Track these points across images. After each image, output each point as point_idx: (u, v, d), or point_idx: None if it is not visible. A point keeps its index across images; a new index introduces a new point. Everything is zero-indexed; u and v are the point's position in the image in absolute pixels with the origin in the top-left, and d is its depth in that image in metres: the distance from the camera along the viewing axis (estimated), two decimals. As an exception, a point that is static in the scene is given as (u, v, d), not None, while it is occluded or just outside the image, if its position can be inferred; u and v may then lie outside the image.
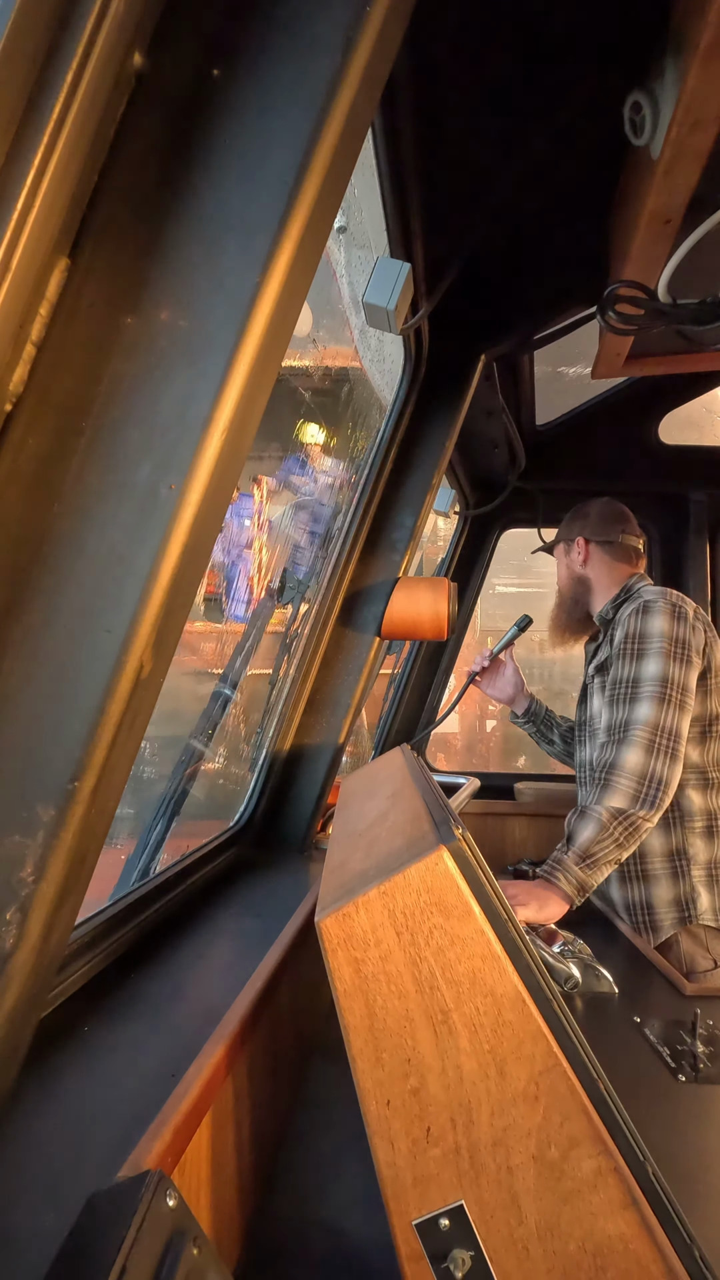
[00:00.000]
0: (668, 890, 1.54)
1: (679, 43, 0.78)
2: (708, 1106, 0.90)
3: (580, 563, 1.72)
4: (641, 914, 1.56)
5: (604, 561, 1.69)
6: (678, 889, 1.54)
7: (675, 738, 1.38)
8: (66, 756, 0.39)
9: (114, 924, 0.86)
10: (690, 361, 1.48)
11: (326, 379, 6.89)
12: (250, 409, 0.42)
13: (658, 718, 1.38)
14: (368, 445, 1.51)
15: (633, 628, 1.49)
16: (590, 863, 1.31)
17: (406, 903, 0.49)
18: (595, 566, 1.70)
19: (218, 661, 5.98)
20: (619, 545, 1.69)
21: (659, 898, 1.54)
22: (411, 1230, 0.48)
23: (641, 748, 1.37)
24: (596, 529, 1.71)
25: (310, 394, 6.72)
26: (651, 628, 1.47)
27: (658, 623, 1.47)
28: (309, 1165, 0.78)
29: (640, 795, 1.34)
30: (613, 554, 1.69)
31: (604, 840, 1.32)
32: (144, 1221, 0.36)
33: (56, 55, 0.35)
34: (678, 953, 1.52)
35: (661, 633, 1.46)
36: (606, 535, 1.70)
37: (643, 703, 1.41)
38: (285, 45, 0.41)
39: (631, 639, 1.48)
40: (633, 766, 1.36)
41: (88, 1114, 0.56)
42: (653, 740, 1.37)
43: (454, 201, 1.14)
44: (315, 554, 2.05)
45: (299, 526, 6.08)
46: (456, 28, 0.89)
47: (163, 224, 0.41)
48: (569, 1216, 0.46)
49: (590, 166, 1.12)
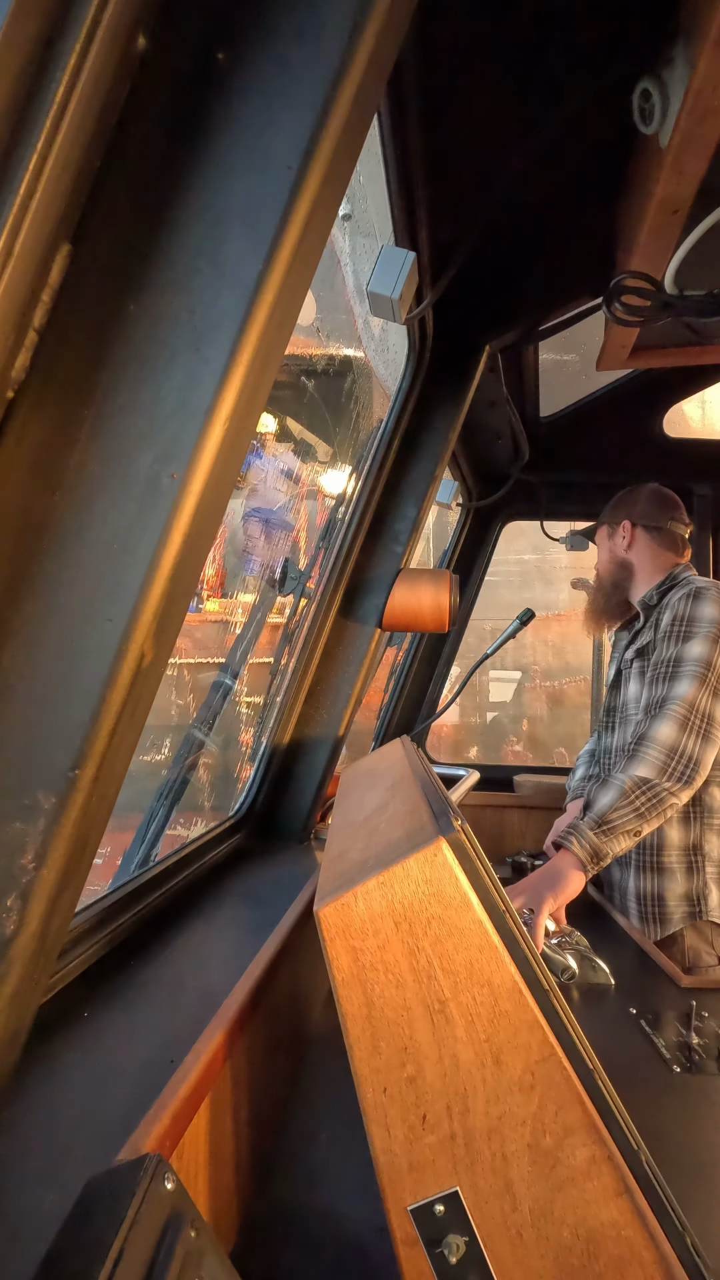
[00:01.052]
0: (680, 884, 1.54)
1: (690, 31, 0.77)
2: (702, 1098, 0.90)
3: (625, 547, 1.69)
4: (652, 905, 1.56)
5: (649, 547, 1.67)
6: (690, 884, 1.54)
7: (710, 720, 1.36)
8: (68, 744, 0.39)
9: (114, 911, 0.86)
10: (696, 354, 1.47)
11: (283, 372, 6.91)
12: (253, 398, 0.42)
13: (695, 696, 1.37)
14: (367, 442, 1.51)
15: (683, 610, 1.48)
16: (607, 829, 1.27)
17: (405, 893, 0.50)
18: (639, 552, 1.68)
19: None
20: (666, 532, 1.66)
21: (671, 891, 1.54)
22: (406, 1215, 0.49)
23: (676, 722, 1.35)
24: (645, 513, 1.68)
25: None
26: (702, 613, 1.46)
27: (710, 609, 1.46)
28: (306, 1150, 0.79)
29: (668, 768, 1.31)
30: (659, 540, 1.67)
31: (623, 807, 1.28)
32: (142, 1204, 0.36)
33: (59, 38, 0.35)
34: (682, 947, 1.53)
35: (713, 619, 1.44)
36: (655, 520, 1.67)
37: (682, 680, 1.39)
38: (291, 28, 0.40)
39: (680, 621, 1.47)
40: (664, 739, 1.33)
41: (87, 1098, 0.56)
42: (688, 717, 1.35)
43: (460, 190, 1.13)
44: (266, 543, 2.04)
45: (251, 517, 6.09)
46: (464, 13, 0.88)
47: (166, 209, 0.41)
48: (563, 1203, 0.47)
49: (598, 155, 1.10)
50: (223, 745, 6.03)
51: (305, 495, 7.68)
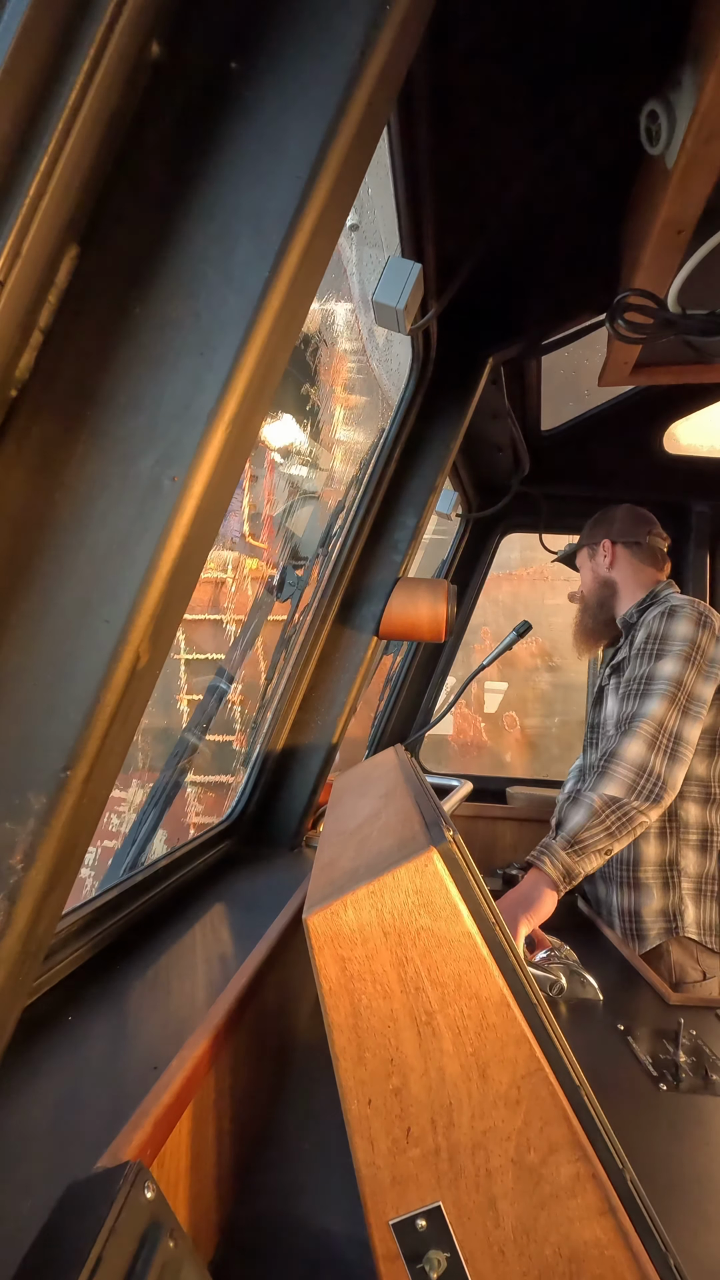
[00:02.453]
0: (657, 900, 1.54)
1: (697, 54, 0.78)
2: (688, 1116, 0.90)
3: (606, 565, 1.71)
4: (630, 921, 1.56)
5: (630, 564, 1.69)
6: (667, 900, 1.54)
7: (678, 740, 1.37)
8: (60, 744, 0.38)
9: (102, 914, 0.86)
10: (697, 373, 1.48)
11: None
12: (256, 403, 0.42)
13: (664, 715, 1.37)
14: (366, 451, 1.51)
15: (656, 629, 1.48)
16: (578, 849, 1.27)
17: (395, 903, 0.49)
18: (621, 569, 1.69)
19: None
20: (645, 546, 1.68)
21: (648, 907, 1.54)
22: (388, 1230, 0.48)
23: (643, 740, 1.35)
24: (623, 530, 1.70)
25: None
26: (675, 631, 1.46)
27: (682, 627, 1.46)
28: (289, 1161, 0.78)
29: (637, 786, 1.31)
30: (639, 556, 1.68)
31: (594, 827, 1.29)
32: (121, 1212, 0.36)
33: (74, 43, 0.35)
34: (668, 962, 1.53)
35: (684, 637, 1.45)
36: (633, 536, 1.69)
37: (652, 699, 1.40)
38: (304, 40, 0.40)
39: (653, 639, 1.48)
40: (632, 757, 1.34)
41: (69, 1104, 0.56)
42: (656, 736, 1.35)
43: (467, 203, 1.14)
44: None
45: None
46: (475, 30, 0.89)
47: (175, 215, 0.41)
48: (546, 1221, 0.46)
49: (604, 173, 1.11)
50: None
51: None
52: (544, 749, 7.46)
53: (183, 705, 7.04)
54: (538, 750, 7.53)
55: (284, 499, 7.20)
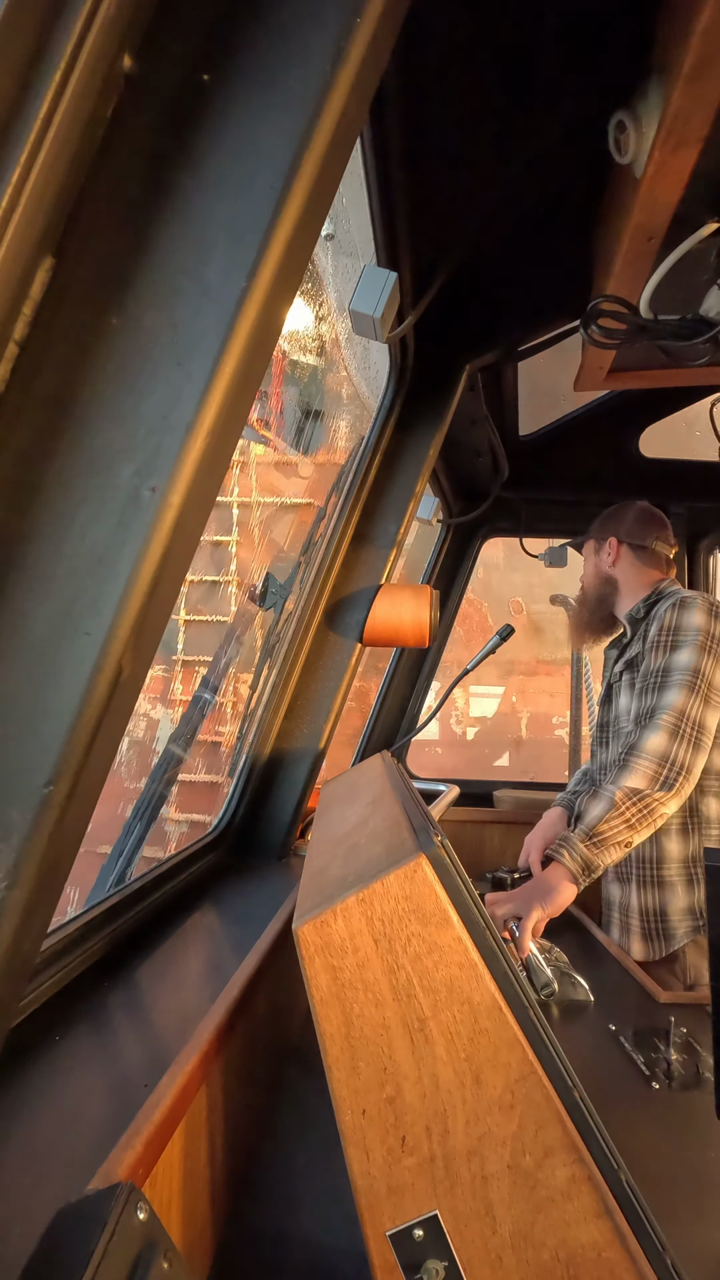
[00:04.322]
0: (683, 898, 1.53)
1: (663, 66, 0.80)
2: (681, 1114, 0.90)
3: (610, 563, 1.71)
4: (655, 921, 1.54)
5: (633, 565, 1.69)
6: (692, 897, 1.53)
7: (701, 728, 1.36)
8: (42, 760, 0.38)
9: (88, 931, 0.84)
10: (670, 376, 1.50)
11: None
12: (235, 413, 0.42)
13: (685, 705, 1.37)
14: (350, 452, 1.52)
15: (670, 620, 1.48)
16: (598, 841, 1.26)
17: (385, 910, 0.49)
18: (624, 569, 1.69)
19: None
20: (650, 551, 1.68)
21: (674, 905, 1.53)
22: (385, 1241, 0.48)
23: (666, 731, 1.34)
24: (631, 531, 1.70)
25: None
26: (689, 621, 1.46)
27: (695, 618, 1.46)
28: (283, 1176, 0.77)
29: (659, 777, 1.30)
30: (643, 559, 1.68)
31: (614, 819, 1.27)
32: (114, 1235, 0.35)
33: (45, 55, 0.35)
34: (683, 964, 1.51)
35: (698, 627, 1.45)
36: (640, 539, 1.69)
37: (671, 690, 1.39)
38: (276, 53, 0.41)
39: (668, 631, 1.48)
40: (654, 749, 1.33)
41: (58, 1124, 0.55)
42: (678, 726, 1.35)
43: (441, 212, 1.15)
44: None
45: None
46: (447, 42, 0.90)
47: (150, 226, 0.41)
48: (543, 1225, 0.46)
49: (576, 182, 1.13)
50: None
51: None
52: (550, 633, 7.53)
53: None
54: (543, 634, 7.65)
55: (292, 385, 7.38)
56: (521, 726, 7.99)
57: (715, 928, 0.71)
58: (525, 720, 7.96)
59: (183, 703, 7.57)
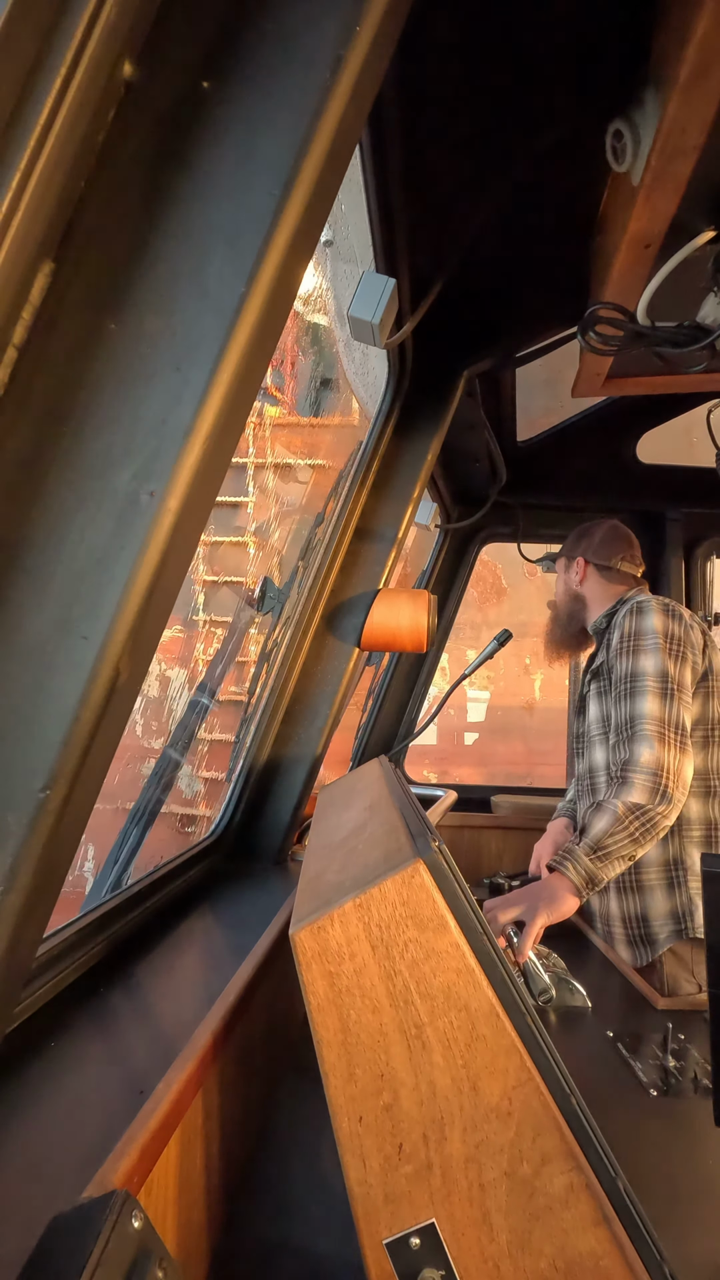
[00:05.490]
0: (664, 902, 1.53)
1: (659, 75, 0.80)
2: (679, 1120, 0.90)
3: (578, 581, 1.74)
4: (637, 927, 1.54)
5: (600, 583, 1.72)
6: (674, 900, 1.52)
7: (680, 730, 1.38)
8: (39, 764, 0.38)
9: (84, 936, 0.84)
10: (667, 383, 1.50)
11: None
12: (233, 418, 0.42)
13: (661, 711, 1.39)
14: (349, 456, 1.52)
15: (628, 627, 1.51)
16: (602, 854, 1.28)
17: (382, 916, 0.49)
18: (591, 586, 1.73)
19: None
20: (616, 571, 1.71)
21: (655, 909, 1.53)
22: (382, 1250, 0.47)
23: (653, 741, 1.36)
24: (597, 551, 1.73)
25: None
26: (646, 625, 1.49)
27: (652, 620, 1.49)
28: (279, 1183, 0.77)
29: (658, 789, 1.33)
30: (609, 577, 1.72)
31: (618, 833, 1.30)
32: (108, 1243, 0.35)
33: (46, 61, 0.35)
34: (660, 974, 1.51)
35: (655, 629, 1.47)
36: (605, 560, 1.72)
37: (643, 697, 1.41)
38: (276, 60, 0.41)
39: (627, 637, 1.50)
40: (648, 760, 1.35)
41: (53, 1132, 0.54)
42: (662, 733, 1.37)
43: (439, 219, 1.16)
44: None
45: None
46: (445, 50, 0.91)
47: (149, 231, 0.41)
48: (540, 1233, 0.46)
49: (573, 190, 1.14)
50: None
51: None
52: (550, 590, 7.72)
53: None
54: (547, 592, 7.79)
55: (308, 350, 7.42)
56: (535, 688, 8.00)
57: (714, 933, 0.71)
58: (539, 682, 7.97)
59: (205, 660, 7.53)
